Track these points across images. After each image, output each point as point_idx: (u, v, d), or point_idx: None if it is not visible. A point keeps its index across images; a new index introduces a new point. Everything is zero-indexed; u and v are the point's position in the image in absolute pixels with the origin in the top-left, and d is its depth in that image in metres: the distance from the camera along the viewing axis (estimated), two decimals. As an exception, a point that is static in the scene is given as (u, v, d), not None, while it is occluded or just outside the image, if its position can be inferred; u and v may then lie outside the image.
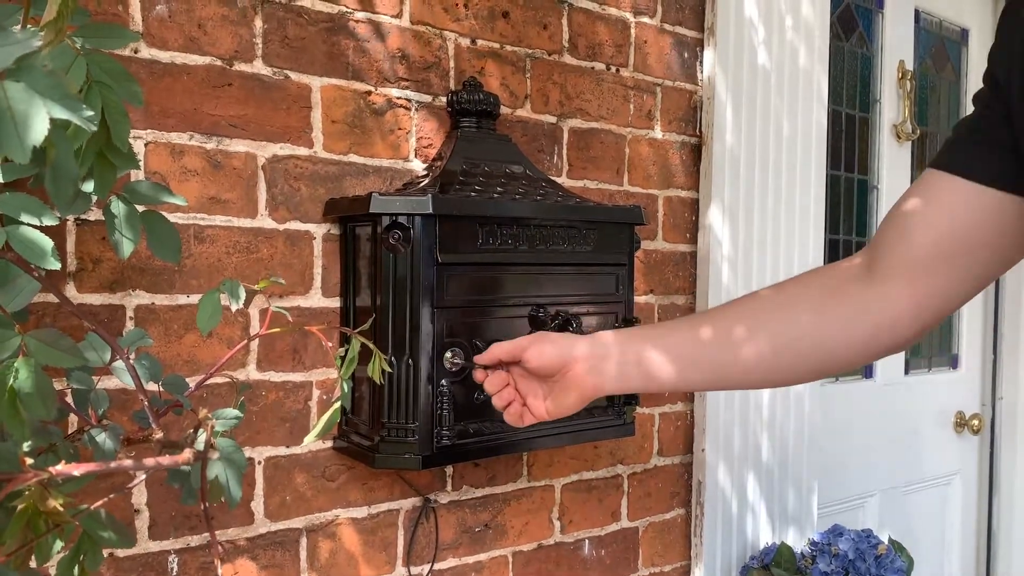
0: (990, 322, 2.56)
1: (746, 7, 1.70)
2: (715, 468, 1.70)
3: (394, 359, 1.14)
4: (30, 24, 0.54)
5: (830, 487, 2.06)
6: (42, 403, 0.56)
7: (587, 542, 1.57)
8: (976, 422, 2.47)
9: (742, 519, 1.75)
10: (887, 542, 1.76)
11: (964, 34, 2.49)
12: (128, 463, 0.55)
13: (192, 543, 1.14)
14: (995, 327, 2.55)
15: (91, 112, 0.49)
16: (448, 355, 1.16)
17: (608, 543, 1.61)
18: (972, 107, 0.79)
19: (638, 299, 1.60)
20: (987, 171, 0.75)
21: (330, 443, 1.25)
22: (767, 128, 1.74)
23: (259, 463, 1.19)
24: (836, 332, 0.82)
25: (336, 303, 1.25)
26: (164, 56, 1.10)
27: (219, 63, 1.14)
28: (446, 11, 1.35)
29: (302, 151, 1.21)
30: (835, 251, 2.13)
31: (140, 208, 0.72)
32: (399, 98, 1.30)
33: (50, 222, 0.61)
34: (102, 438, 0.73)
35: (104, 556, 0.69)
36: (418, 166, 1.32)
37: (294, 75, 1.20)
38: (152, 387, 0.80)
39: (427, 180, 1.26)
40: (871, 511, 2.24)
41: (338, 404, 0.79)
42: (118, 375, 0.77)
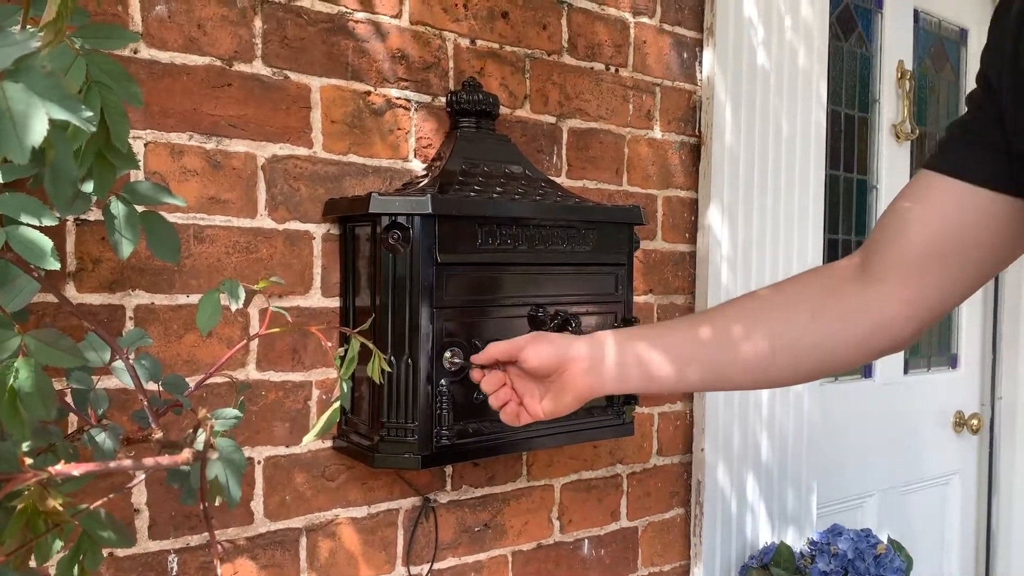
0: (989, 322, 2.56)
1: (745, 7, 1.70)
2: (714, 468, 1.70)
3: (393, 359, 1.14)
4: (29, 24, 0.54)
5: (829, 487, 2.06)
6: (42, 403, 0.56)
7: (586, 542, 1.57)
8: (975, 422, 2.47)
9: (741, 519, 1.76)
10: (886, 542, 1.76)
11: (963, 34, 2.49)
12: (127, 463, 0.55)
13: (192, 543, 1.14)
14: (994, 327, 2.55)
15: (90, 113, 0.49)
16: (447, 355, 1.16)
17: (607, 543, 1.61)
18: (965, 108, 0.79)
19: (637, 299, 1.60)
20: (980, 172, 0.75)
21: (330, 443, 1.25)
22: (766, 128, 1.74)
23: (259, 463, 1.19)
24: (834, 332, 0.83)
25: (336, 303, 1.25)
26: (164, 56, 1.10)
27: (219, 63, 1.14)
28: (445, 11, 1.35)
29: (302, 151, 1.21)
30: (834, 251, 2.13)
31: (140, 208, 0.72)
32: (398, 98, 1.30)
33: (50, 222, 0.61)
34: (102, 438, 0.73)
35: (104, 556, 0.69)
36: (417, 166, 1.32)
37: (294, 75, 1.20)
38: (152, 387, 0.80)
39: (426, 180, 1.26)
40: (870, 511, 2.24)
41: (337, 404, 0.79)
42: (118, 375, 0.77)
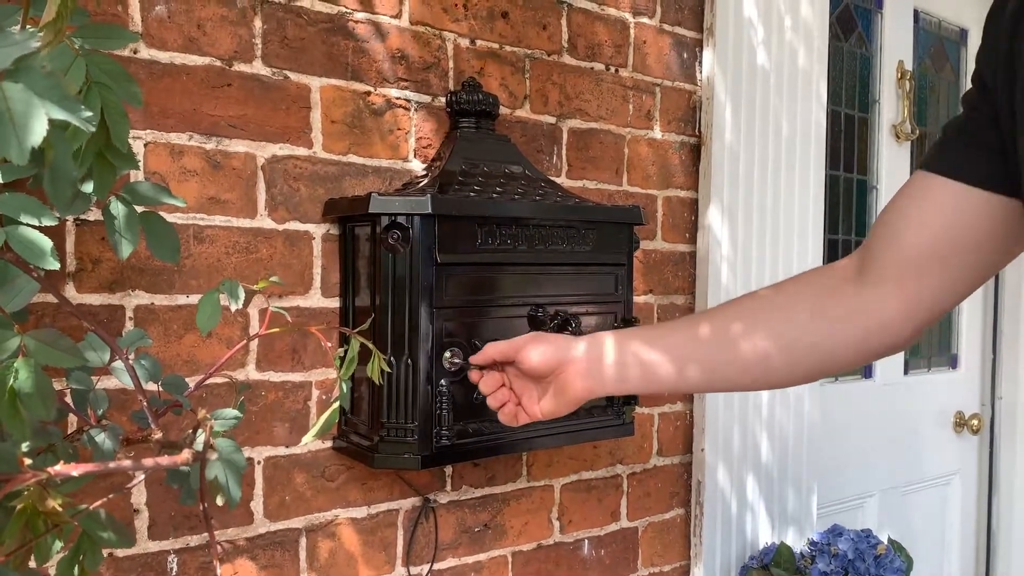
0: (989, 322, 2.56)
1: (745, 7, 1.70)
2: (715, 468, 1.70)
3: (393, 359, 1.14)
4: (29, 25, 0.54)
5: (829, 487, 2.06)
6: (42, 403, 0.56)
7: (586, 542, 1.57)
8: (976, 422, 2.47)
9: (741, 519, 1.76)
10: (886, 542, 1.76)
11: (963, 34, 2.49)
12: (127, 463, 0.55)
13: (191, 543, 1.14)
14: (995, 327, 2.55)
15: (89, 113, 0.49)
16: (447, 355, 1.16)
17: (607, 543, 1.61)
18: (961, 108, 0.79)
19: (637, 299, 1.60)
20: (976, 172, 0.75)
21: (329, 443, 1.25)
22: (766, 128, 1.74)
23: (258, 463, 1.19)
24: (833, 332, 0.82)
25: (335, 303, 1.25)
26: (163, 56, 1.10)
27: (218, 63, 1.14)
28: (445, 11, 1.35)
29: (301, 151, 1.21)
30: (834, 251, 2.13)
31: (139, 209, 0.72)
32: (398, 98, 1.30)
33: (49, 223, 0.61)
34: (101, 438, 0.73)
35: (103, 556, 0.69)
36: (417, 166, 1.32)
37: (293, 75, 1.20)
38: (151, 387, 0.80)
39: (426, 180, 1.26)
40: (870, 511, 2.24)
41: (337, 404, 0.79)
42: (117, 375, 0.77)
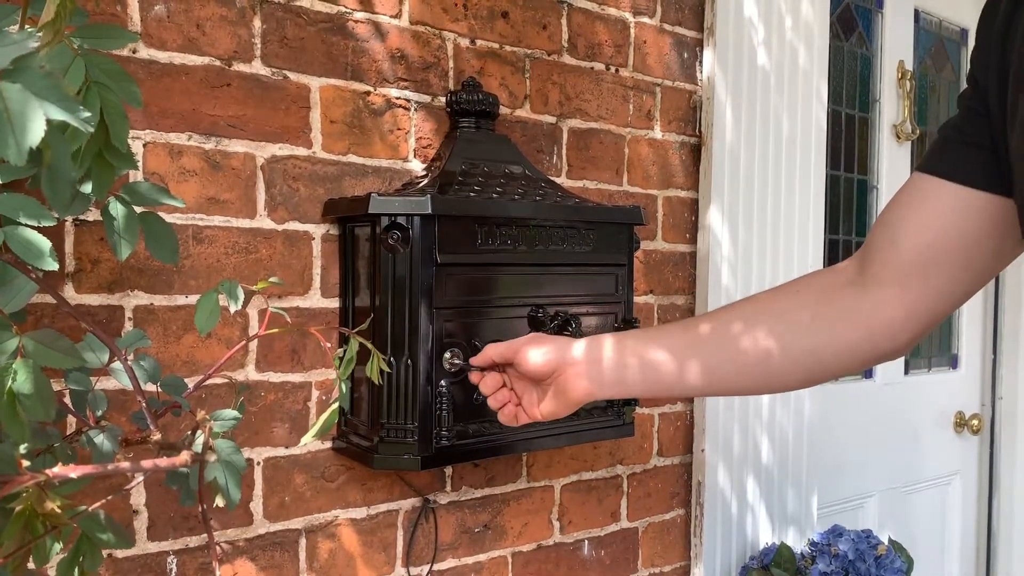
0: (990, 322, 2.56)
1: (746, 7, 1.70)
2: (715, 468, 1.70)
3: (393, 359, 1.14)
4: (28, 24, 0.54)
5: (830, 487, 2.06)
6: (41, 404, 0.56)
7: (587, 542, 1.57)
8: (976, 422, 2.47)
9: (742, 519, 1.75)
10: (887, 542, 1.76)
11: (963, 34, 2.48)
12: (126, 465, 0.55)
13: (191, 544, 1.14)
14: (995, 327, 2.55)
15: (88, 113, 0.48)
16: (447, 355, 1.16)
17: (608, 543, 1.60)
18: (957, 109, 0.79)
19: (638, 299, 1.59)
20: (972, 174, 0.74)
21: (329, 444, 1.25)
22: (767, 128, 1.74)
23: (258, 464, 1.19)
24: (833, 335, 0.82)
25: (335, 303, 1.25)
26: (163, 56, 1.10)
27: (218, 63, 1.14)
28: (445, 11, 1.35)
29: (301, 151, 1.21)
30: (835, 251, 2.13)
31: (138, 209, 0.72)
32: (398, 98, 1.30)
33: (48, 223, 0.61)
34: (100, 439, 0.73)
35: (103, 557, 0.68)
36: (417, 166, 1.32)
37: (293, 75, 1.20)
38: (150, 388, 0.79)
39: (426, 180, 1.26)
40: (871, 511, 2.24)
41: (336, 405, 0.79)
42: (116, 376, 0.76)
